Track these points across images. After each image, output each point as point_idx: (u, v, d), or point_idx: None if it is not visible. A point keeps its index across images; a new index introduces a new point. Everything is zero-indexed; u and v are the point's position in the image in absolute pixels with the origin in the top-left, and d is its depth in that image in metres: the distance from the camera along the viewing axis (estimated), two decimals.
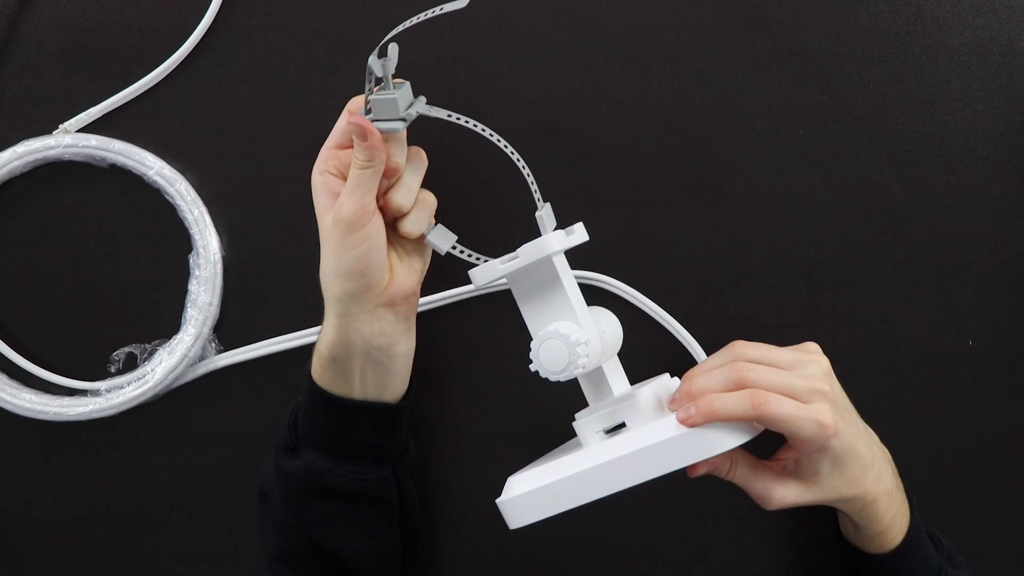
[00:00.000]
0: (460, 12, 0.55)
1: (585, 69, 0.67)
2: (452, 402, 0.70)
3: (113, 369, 0.69)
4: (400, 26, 0.55)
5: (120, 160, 0.67)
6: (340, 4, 0.67)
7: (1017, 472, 0.70)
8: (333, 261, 0.57)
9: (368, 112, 0.57)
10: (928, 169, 0.68)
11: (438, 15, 0.54)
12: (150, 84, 0.67)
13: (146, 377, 0.68)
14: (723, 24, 0.67)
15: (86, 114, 0.67)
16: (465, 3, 0.54)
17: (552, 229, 0.57)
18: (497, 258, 0.57)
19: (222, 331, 0.69)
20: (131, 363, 0.69)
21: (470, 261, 0.59)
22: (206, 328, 0.68)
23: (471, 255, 0.60)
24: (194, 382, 0.69)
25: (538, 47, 0.67)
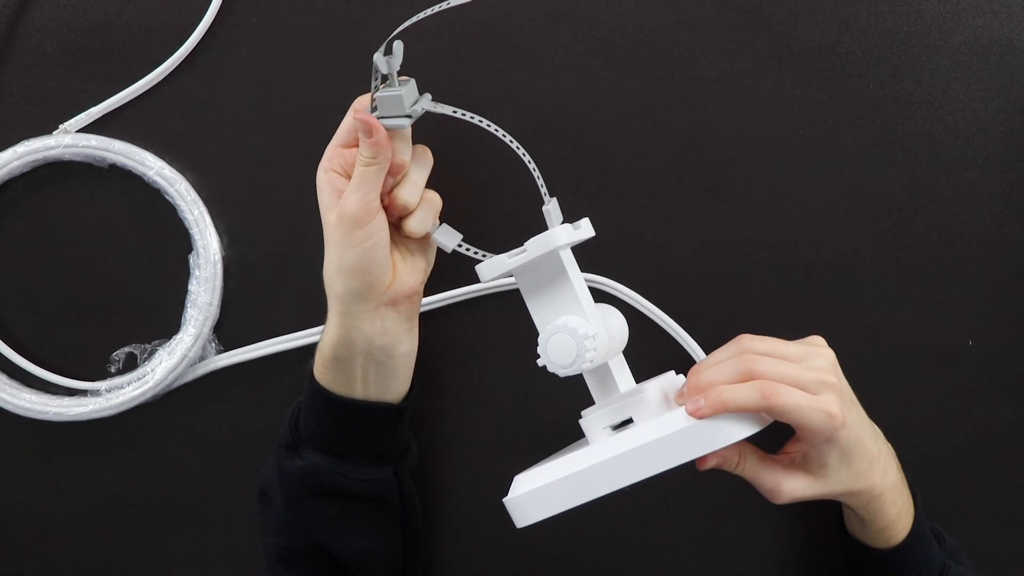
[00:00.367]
0: (460, 12, 0.55)
1: (585, 69, 0.67)
2: (453, 402, 0.70)
3: (113, 369, 0.69)
4: (407, 22, 0.55)
5: (120, 160, 0.67)
6: (340, 4, 0.67)
7: (1017, 472, 0.70)
8: (336, 258, 0.57)
9: (374, 109, 0.57)
10: (928, 169, 0.68)
11: (445, 9, 0.54)
12: (150, 84, 0.67)
13: (146, 377, 0.68)
14: (723, 24, 0.67)
15: (86, 114, 0.67)
16: None
17: (559, 223, 0.57)
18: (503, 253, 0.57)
19: (222, 331, 0.69)
20: (131, 363, 0.69)
21: (476, 258, 0.59)
22: (206, 328, 0.68)
23: (477, 252, 0.60)
24: (194, 382, 0.69)
25: (538, 47, 0.67)
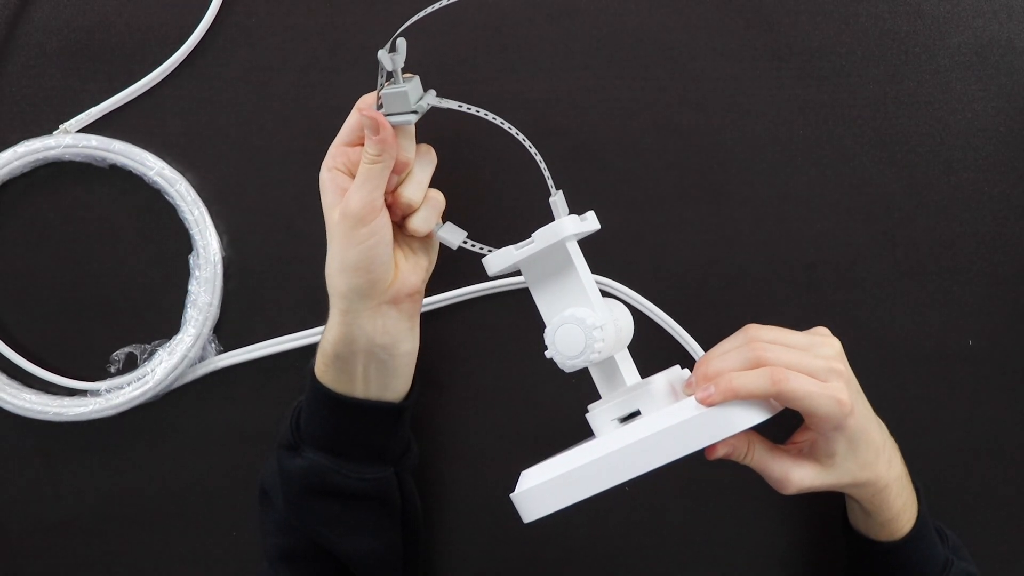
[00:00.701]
0: (461, 11, 0.55)
1: (585, 69, 0.67)
2: (453, 402, 0.70)
3: (113, 369, 0.69)
4: (411, 19, 0.55)
5: (120, 160, 0.67)
6: (340, 4, 0.67)
7: (1017, 472, 0.70)
8: (339, 256, 0.57)
9: (379, 107, 0.57)
10: (928, 169, 0.68)
11: (447, 5, 0.54)
12: (150, 84, 0.67)
13: (146, 377, 0.68)
14: (723, 24, 0.67)
15: (86, 114, 0.67)
16: None
17: (566, 214, 0.57)
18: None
19: (222, 331, 0.69)
20: (131, 363, 0.69)
21: (482, 253, 0.59)
22: (206, 328, 0.68)
23: (483, 248, 0.60)
24: (194, 382, 0.69)
25: (538, 47, 0.67)
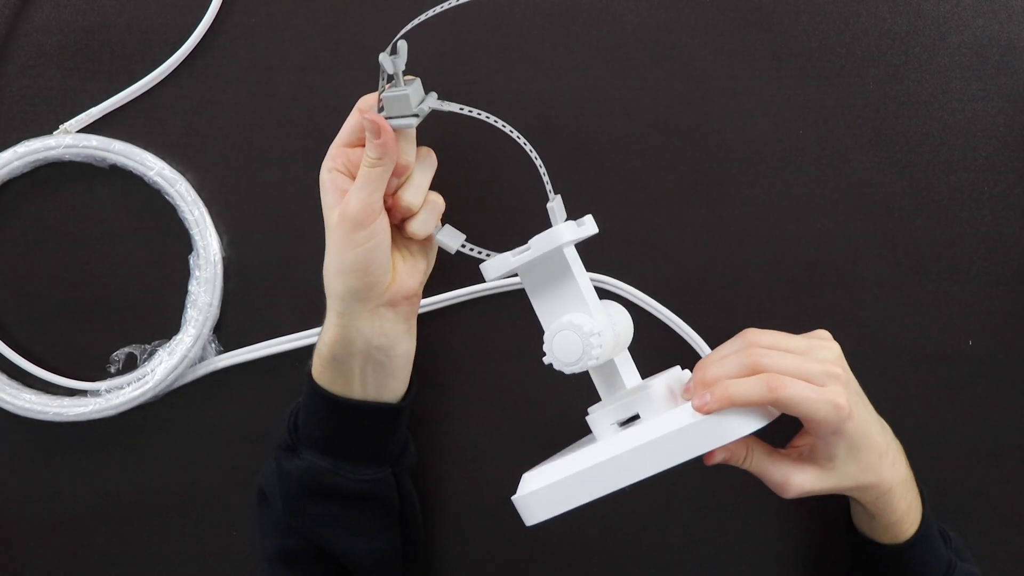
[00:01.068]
0: (461, 12, 0.54)
1: (585, 69, 0.67)
2: (453, 402, 0.70)
3: (113, 369, 0.69)
4: (412, 22, 0.55)
5: (120, 160, 0.67)
6: (340, 4, 0.67)
7: (1017, 472, 0.70)
8: (337, 258, 0.57)
9: (380, 109, 0.57)
10: (928, 169, 0.68)
11: (447, 9, 0.54)
12: (150, 84, 0.67)
13: (146, 378, 0.68)
14: (723, 24, 0.67)
15: (86, 114, 0.67)
16: None
17: (563, 220, 0.57)
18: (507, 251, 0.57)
19: (222, 332, 0.69)
20: (131, 363, 0.69)
21: (480, 258, 0.59)
22: (206, 329, 0.68)
23: (481, 252, 0.60)
24: (194, 383, 0.69)
25: (538, 47, 0.67)
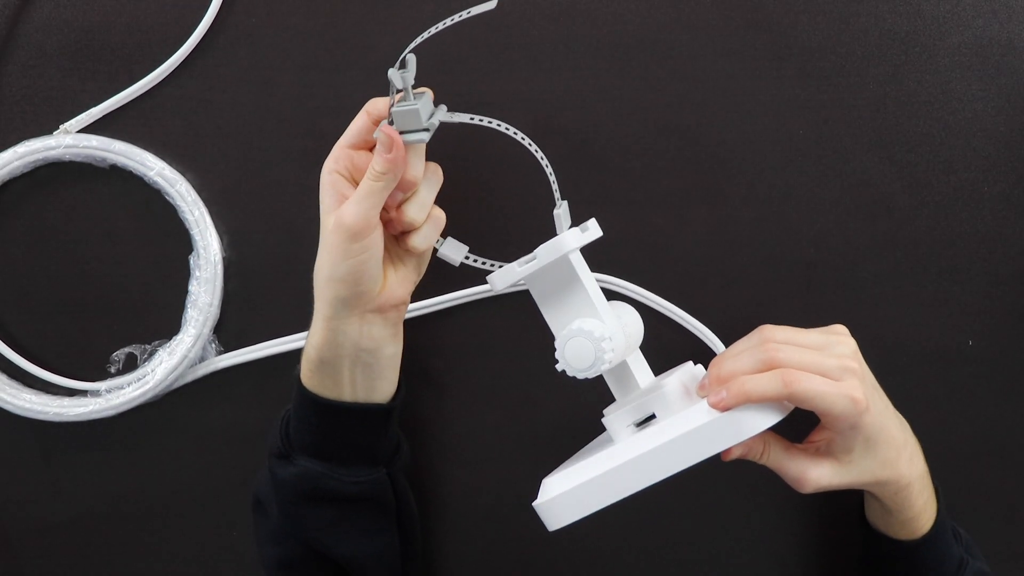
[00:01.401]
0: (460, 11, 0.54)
1: (585, 69, 0.67)
2: (453, 403, 0.70)
3: (113, 370, 0.69)
4: (421, 36, 0.55)
5: (121, 161, 0.67)
6: (340, 4, 0.67)
7: (1018, 471, 0.70)
8: (329, 266, 0.57)
9: (391, 123, 0.56)
10: (928, 169, 0.68)
11: (466, 19, 0.54)
12: (150, 84, 0.67)
13: (146, 378, 0.68)
14: (723, 24, 0.67)
15: (87, 114, 0.67)
16: (494, 4, 0.53)
17: (568, 227, 0.57)
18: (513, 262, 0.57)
19: (222, 332, 0.69)
20: (131, 364, 0.69)
21: (485, 269, 0.59)
22: (206, 329, 0.68)
23: (485, 263, 0.60)
24: (194, 383, 0.69)
25: (538, 47, 0.67)
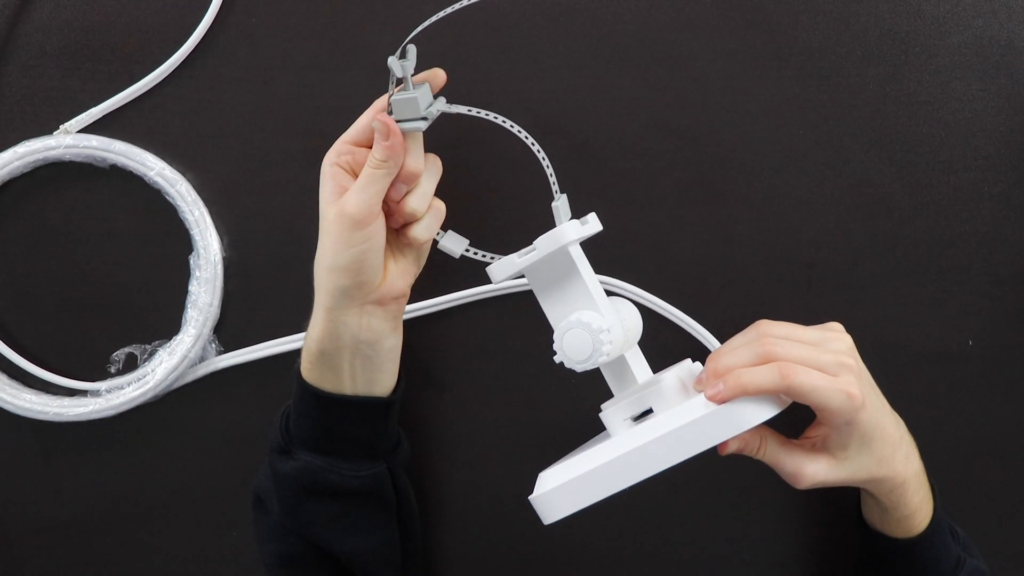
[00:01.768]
0: (461, 12, 0.54)
1: (585, 69, 0.67)
2: (453, 402, 0.70)
3: (113, 370, 0.69)
4: (421, 25, 0.55)
5: (121, 161, 0.67)
6: (340, 4, 0.67)
7: (1017, 471, 0.70)
8: (330, 255, 0.57)
9: (389, 113, 0.57)
10: (928, 169, 0.68)
11: (460, 8, 0.54)
12: (150, 84, 0.67)
13: (146, 378, 0.68)
14: (723, 24, 0.67)
15: (87, 114, 0.67)
16: None
17: (567, 219, 0.57)
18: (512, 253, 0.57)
19: (222, 332, 0.69)
20: (131, 364, 0.69)
21: (484, 261, 0.59)
22: (206, 329, 0.68)
23: (484, 255, 0.60)
24: (194, 383, 0.69)
25: (538, 47, 0.67)
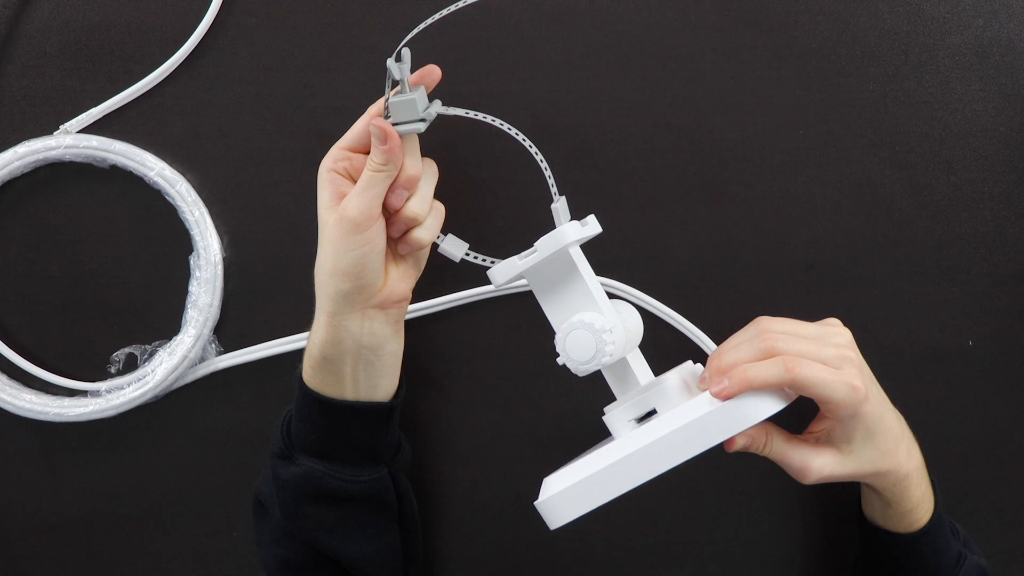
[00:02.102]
0: (461, 12, 0.54)
1: (585, 69, 0.67)
2: (454, 403, 0.70)
3: (113, 370, 0.69)
4: (419, 26, 0.55)
5: (121, 161, 0.67)
6: (340, 4, 0.67)
7: (1017, 471, 0.70)
8: (331, 260, 0.57)
9: (387, 116, 0.57)
10: (928, 169, 0.68)
11: (459, 8, 0.54)
12: (150, 84, 0.67)
13: (146, 378, 0.68)
14: (723, 24, 0.67)
15: (87, 115, 0.67)
16: None
17: (567, 221, 0.57)
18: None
19: (222, 332, 0.69)
20: (131, 364, 0.69)
21: (485, 265, 0.59)
22: (206, 329, 0.68)
23: (484, 259, 0.60)
24: (194, 383, 0.69)
25: (538, 47, 0.67)
